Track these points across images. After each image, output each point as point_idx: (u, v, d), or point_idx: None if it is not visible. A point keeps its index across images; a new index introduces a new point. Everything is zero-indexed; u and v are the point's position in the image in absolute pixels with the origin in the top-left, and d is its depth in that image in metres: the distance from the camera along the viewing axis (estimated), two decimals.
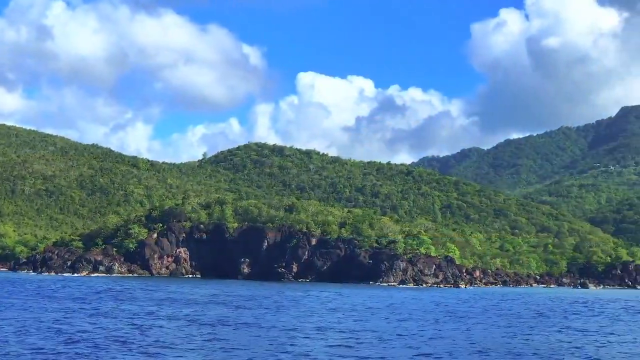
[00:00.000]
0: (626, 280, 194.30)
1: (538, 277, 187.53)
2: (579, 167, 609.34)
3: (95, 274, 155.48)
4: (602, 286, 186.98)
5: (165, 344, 46.63)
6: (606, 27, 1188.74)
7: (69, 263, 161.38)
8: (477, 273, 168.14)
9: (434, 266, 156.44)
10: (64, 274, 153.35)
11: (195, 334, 52.84)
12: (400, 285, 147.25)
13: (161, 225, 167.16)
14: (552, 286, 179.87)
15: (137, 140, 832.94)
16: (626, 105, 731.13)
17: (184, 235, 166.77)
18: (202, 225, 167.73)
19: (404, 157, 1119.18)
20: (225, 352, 44.69)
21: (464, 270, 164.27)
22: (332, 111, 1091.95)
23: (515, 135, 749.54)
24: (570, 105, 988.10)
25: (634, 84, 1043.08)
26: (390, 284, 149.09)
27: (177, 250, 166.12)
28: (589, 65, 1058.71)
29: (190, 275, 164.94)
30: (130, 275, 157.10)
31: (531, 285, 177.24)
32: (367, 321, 66.94)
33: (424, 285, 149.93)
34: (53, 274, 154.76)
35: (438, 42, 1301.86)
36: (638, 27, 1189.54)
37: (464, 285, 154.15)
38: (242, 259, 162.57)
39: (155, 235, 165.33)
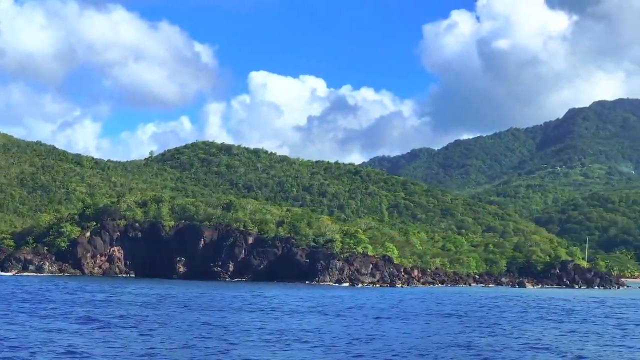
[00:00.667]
0: (564, 280, 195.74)
1: (477, 277, 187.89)
2: (527, 168, 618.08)
3: (25, 273, 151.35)
4: (540, 285, 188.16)
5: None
6: (555, 30, 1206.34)
7: None
8: (416, 272, 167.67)
9: (371, 265, 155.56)
10: None
11: None
12: (336, 285, 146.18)
13: (95, 223, 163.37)
14: (490, 285, 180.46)
15: (85, 138, 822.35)
16: (573, 107, 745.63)
17: (118, 233, 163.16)
18: (137, 224, 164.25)
19: (356, 157, 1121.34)
20: None
21: (402, 270, 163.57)
22: (284, 110, 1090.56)
23: (466, 136, 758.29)
24: (520, 107, 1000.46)
25: (582, 87, 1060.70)
26: (326, 283, 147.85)
27: (111, 249, 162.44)
28: (538, 68, 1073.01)
29: (125, 275, 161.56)
30: (61, 274, 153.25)
31: (470, 285, 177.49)
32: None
33: (360, 284, 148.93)
34: None
35: (390, 43, 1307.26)
36: (587, 30, 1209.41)
37: (400, 285, 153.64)
38: (178, 258, 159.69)
39: (88, 233, 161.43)
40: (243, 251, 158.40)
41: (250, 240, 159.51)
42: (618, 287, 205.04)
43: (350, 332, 61.36)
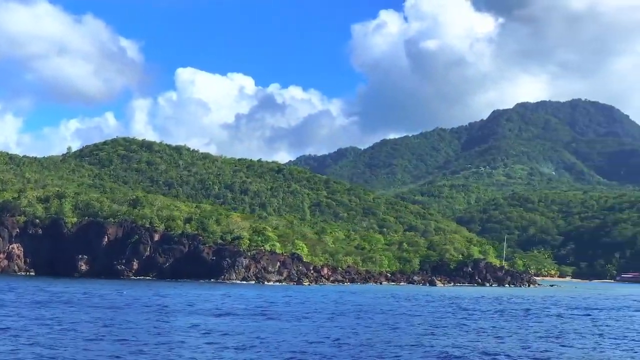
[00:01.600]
0: (476, 278, 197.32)
1: (389, 275, 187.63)
2: (451, 168, 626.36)
3: None
4: (452, 284, 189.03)
5: None
6: (482, 32, 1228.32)
7: None
8: (326, 270, 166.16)
9: (279, 263, 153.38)
10: None
11: None
12: (242, 282, 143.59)
13: None
14: (401, 284, 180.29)
15: (5, 133, 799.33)
16: (498, 108, 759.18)
17: (17, 230, 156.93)
18: (37, 220, 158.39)
19: (283, 156, 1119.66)
20: None
21: (311, 268, 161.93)
22: (212, 108, 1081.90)
23: (393, 136, 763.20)
24: (446, 107, 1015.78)
25: (507, 88, 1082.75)
26: (232, 281, 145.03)
27: (10, 247, 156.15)
28: (465, 69, 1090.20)
29: (24, 273, 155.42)
30: None
31: (381, 283, 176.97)
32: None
33: (266, 282, 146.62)
34: None
35: (319, 42, 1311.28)
36: (513, 33, 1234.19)
37: (307, 283, 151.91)
38: (80, 256, 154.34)
39: None
40: (148, 249, 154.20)
41: (156, 237, 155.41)
42: (528, 285, 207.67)
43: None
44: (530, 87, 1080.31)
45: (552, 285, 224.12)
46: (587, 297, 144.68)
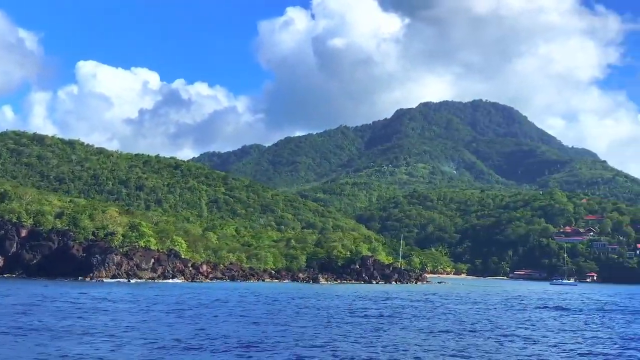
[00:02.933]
0: (363, 275, 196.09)
1: (274, 272, 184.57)
2: (354, 166, 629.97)
3: None
4: (339, 281, 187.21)
5: None
6: (389, 32, 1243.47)
7: None
8: (205, 267, 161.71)
9: (153, 260, 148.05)
10: None
11: None
12: (112, 280, 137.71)
13: None
14: (285, 281, 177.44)
15: None
16: (402, 107, 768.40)
17: None
18: None
19: (188, 152, 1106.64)
20: None
21: (189, 265, 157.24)
22: (115, 103, 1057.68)
23: (299, 133, 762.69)
24: (353, 106, 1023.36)
25: (412, 88, 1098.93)
26: (102, 278, 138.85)
27: None
28: (371, 68, 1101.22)
29: None
30: None
31: (264, 280, 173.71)
32: None
33: (138, 279, 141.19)
34: None
35: (225, 38, 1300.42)
36: (419, 33, 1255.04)
37: (181, 280, 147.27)
38: None
39: None
40: (15, 245, 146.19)
41: (24, 233, 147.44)
42: (416, 282, 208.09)
43: None
44: (435, 87, 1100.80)
45: (440, 282, 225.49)
46: (447, 293, 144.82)
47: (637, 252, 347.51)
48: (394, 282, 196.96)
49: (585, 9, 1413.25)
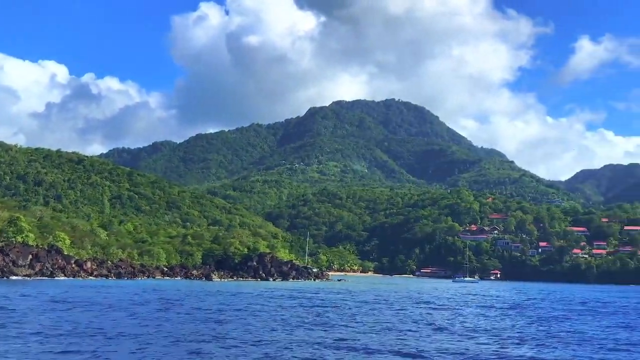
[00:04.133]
0: (260, 272, 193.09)
1: (166, 269, 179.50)
2: (266, 164, 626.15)
3: None
4: (235, 278, 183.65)
5: None
6: (304, 30, 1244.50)
7: None
8: (89, 264, 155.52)
9: (31, 256, 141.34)
10: None
11: None
12: None
13: None
14: (177, 278, 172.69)
15: None
16: (314, 105, 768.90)
17: None
18: None
19: (97, 148, 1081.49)
20: None
21: (72, 262, 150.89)
22: (21, 96, 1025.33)
23: (212, 130, 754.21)
24: (267, 103, 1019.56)
25: (327, 86, 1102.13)
26: None
27: None
28: (286, 66, 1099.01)
29: None
30: None
31: (154, 277, 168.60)
32: None
33: (14, 277, 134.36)
34: None
35: (137, 32, 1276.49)
36: (334, 32, 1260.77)
37: (62, 277, 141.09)
38: None
39: None
40: None
41: None
42: (314, 280, 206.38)
43: None
44: (349, 86, 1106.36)
45: (339, 280, 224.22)
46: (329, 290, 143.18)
47: (539, 250, 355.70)
48: (291, 280, 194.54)
49: (498, 12, 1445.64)
